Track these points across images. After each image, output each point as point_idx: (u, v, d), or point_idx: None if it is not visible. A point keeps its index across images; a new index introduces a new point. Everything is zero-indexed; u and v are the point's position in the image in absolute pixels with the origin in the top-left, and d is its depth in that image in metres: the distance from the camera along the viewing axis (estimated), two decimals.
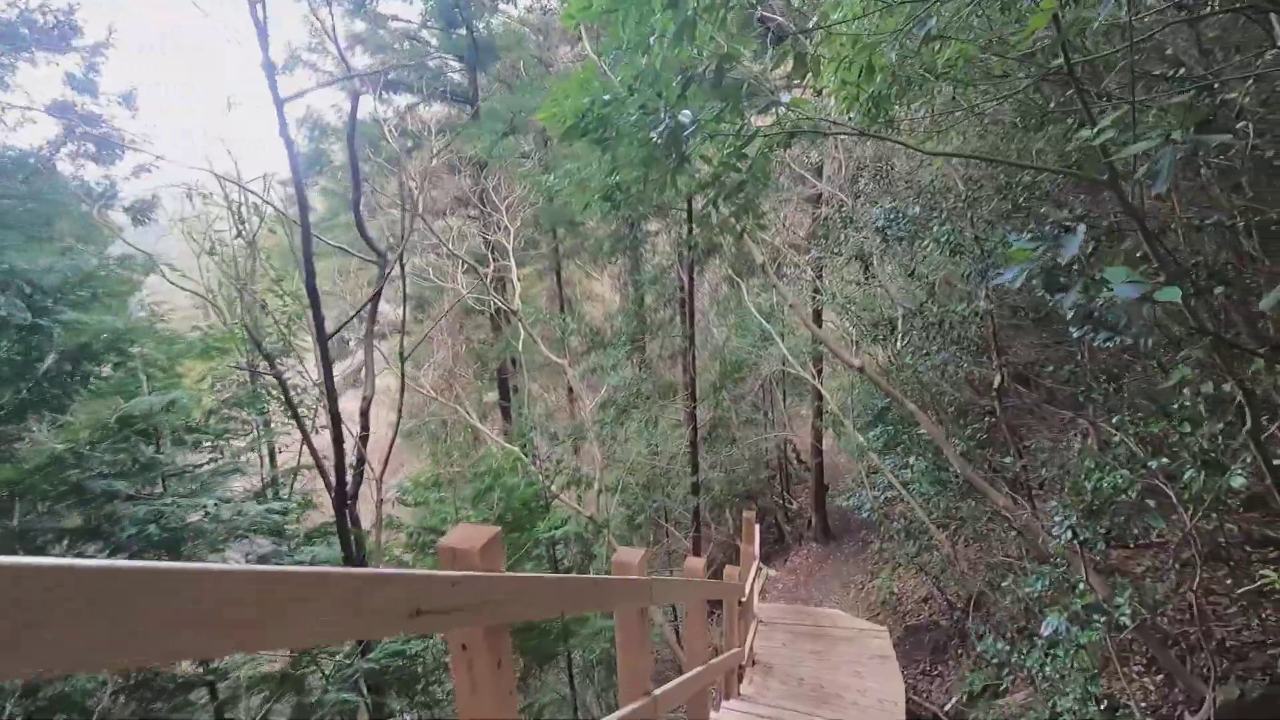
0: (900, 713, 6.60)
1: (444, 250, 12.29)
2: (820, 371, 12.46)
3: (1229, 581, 5.77)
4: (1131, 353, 9.22)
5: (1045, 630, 3.13)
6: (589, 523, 8.10)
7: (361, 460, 5.80)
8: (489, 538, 1.89)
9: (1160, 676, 4.98)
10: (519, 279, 12.04)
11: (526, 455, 7.37)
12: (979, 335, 7.33)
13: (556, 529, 6.22)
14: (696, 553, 8.20)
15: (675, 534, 10.20)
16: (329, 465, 5.85)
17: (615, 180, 3.12)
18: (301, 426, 5.29)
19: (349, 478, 5.63)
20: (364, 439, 5.99)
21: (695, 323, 11.49)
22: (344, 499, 4.76)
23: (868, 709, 6.63)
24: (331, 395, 4.66)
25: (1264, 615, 4.57)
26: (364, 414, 6.08)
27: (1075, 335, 2.48)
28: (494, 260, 12.41)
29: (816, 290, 10.85)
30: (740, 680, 6.82)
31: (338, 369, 17.54)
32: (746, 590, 6.58)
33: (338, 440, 4.66)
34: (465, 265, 11.23)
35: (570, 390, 12.30)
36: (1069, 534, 3.96)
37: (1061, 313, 2.35)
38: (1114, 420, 3.77)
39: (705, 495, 10.82)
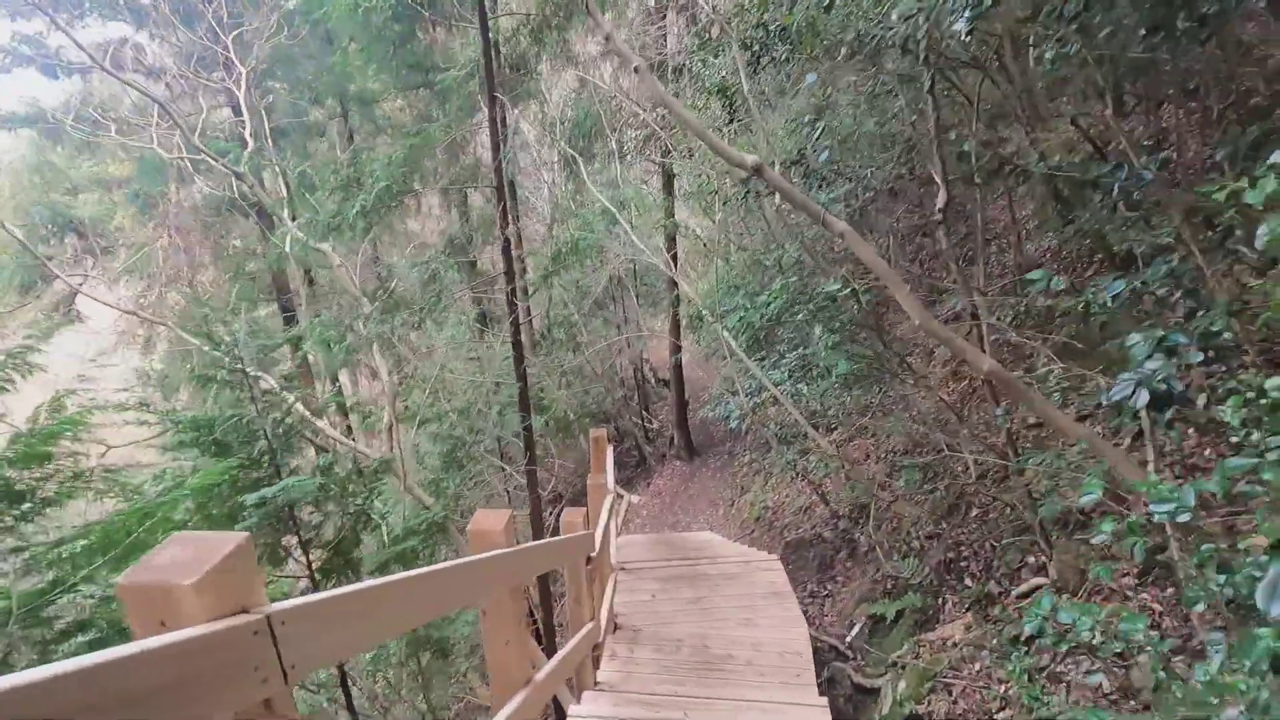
0: (807, 663, 5.02)
1: (156, 115, 8.43)
2: (675, 258, 10.50)
3: None
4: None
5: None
6: (379, 467, 5.53)
7: None
8: None
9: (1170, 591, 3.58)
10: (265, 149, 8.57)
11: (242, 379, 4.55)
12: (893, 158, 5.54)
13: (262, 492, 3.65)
14: (533, 492, 6.04)
15: (510, 469, 7.97)
16: None
17: None
18: None
19: None
20: None
21: (524, 193, 8.88)
22: None
23: (767, 670, 4.97)
24: None
25: None
26: None
27: None
28: (241, 128, 8.76)
29: (666, 154, 8.68)
30: (598, 664, 4.85)
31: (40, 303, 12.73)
32: (598, 539, 4.49)
33: None
34: (164, 118, 7.58)
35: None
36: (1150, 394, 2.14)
37: None
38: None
39: (547, 418, 8.59)
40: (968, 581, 5.15)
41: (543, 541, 3.09)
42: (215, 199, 10.53)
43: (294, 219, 8.71)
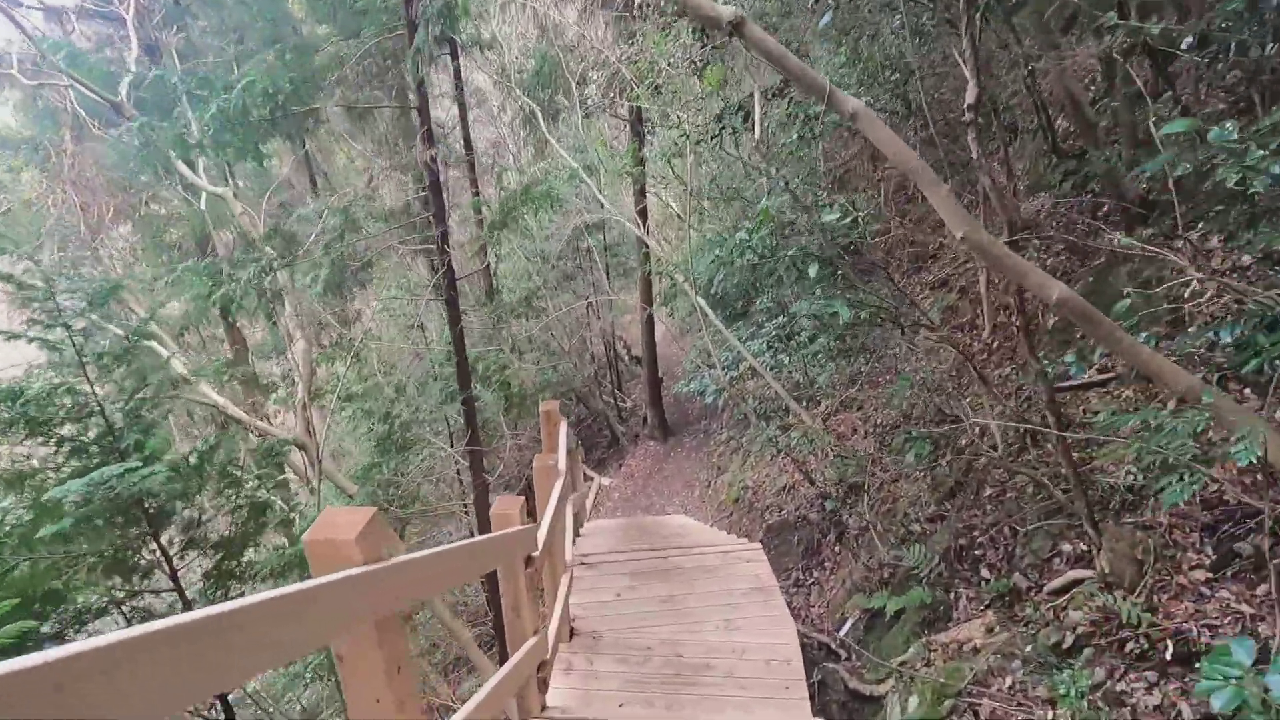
0: (797, 673, 4.23)
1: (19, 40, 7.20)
2: (645, 213, 9.55)
3: None
4: None
5: None
6: (272, 448, 4.57)
7: None
8: None
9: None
10: None
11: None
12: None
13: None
14: (477, 476, 5.13)
15: (453, 451, 7.04)
16: None
17: None
18: None
19: None
20: None
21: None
22: None
23: (750, 682, 4.17)
24: None
25: None
26: None
27: None
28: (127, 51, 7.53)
29: (631, 90, 7.70)
30: (546, 685, 4.00)
31: None
32: (543, 534, 3.62)
33: None
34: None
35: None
36: None
37: None
38: None
39: (507, 394, 7.67)
40: (984, 573, 4.40)
41: (444, 548, 2.22)
42: (125, 151, 9.24)
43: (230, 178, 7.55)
